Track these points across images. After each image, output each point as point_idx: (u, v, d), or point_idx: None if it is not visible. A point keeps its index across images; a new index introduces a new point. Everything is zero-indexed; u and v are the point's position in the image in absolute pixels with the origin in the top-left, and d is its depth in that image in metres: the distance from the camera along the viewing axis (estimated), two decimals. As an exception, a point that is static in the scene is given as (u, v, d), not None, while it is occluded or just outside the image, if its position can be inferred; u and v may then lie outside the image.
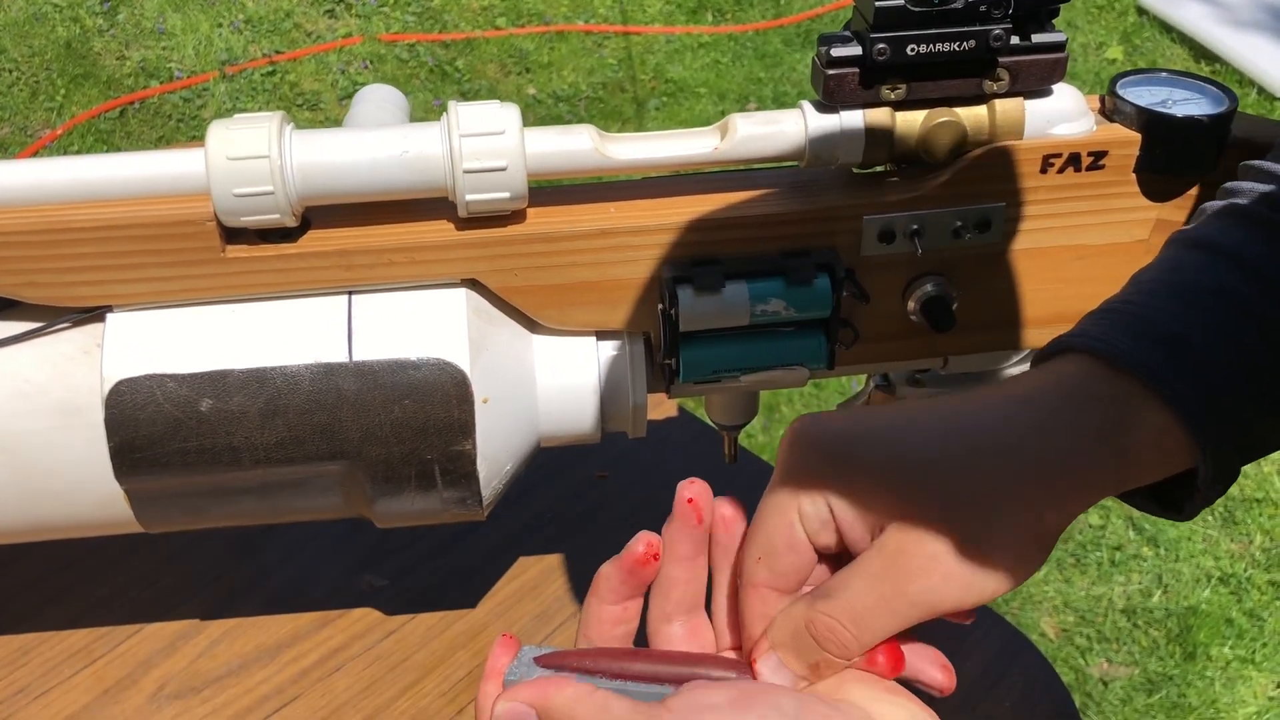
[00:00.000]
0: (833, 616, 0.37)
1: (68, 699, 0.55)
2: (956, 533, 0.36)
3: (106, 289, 0.44)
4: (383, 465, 0.46)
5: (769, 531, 0.39)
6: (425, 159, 0.44)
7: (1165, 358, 0.36)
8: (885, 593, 0.36)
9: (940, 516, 0.36)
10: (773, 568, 0.39)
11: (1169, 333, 0.37)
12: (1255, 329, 0.37)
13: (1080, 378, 0.38)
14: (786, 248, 0.47)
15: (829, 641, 0.37)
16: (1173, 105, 0.46)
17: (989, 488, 0.36)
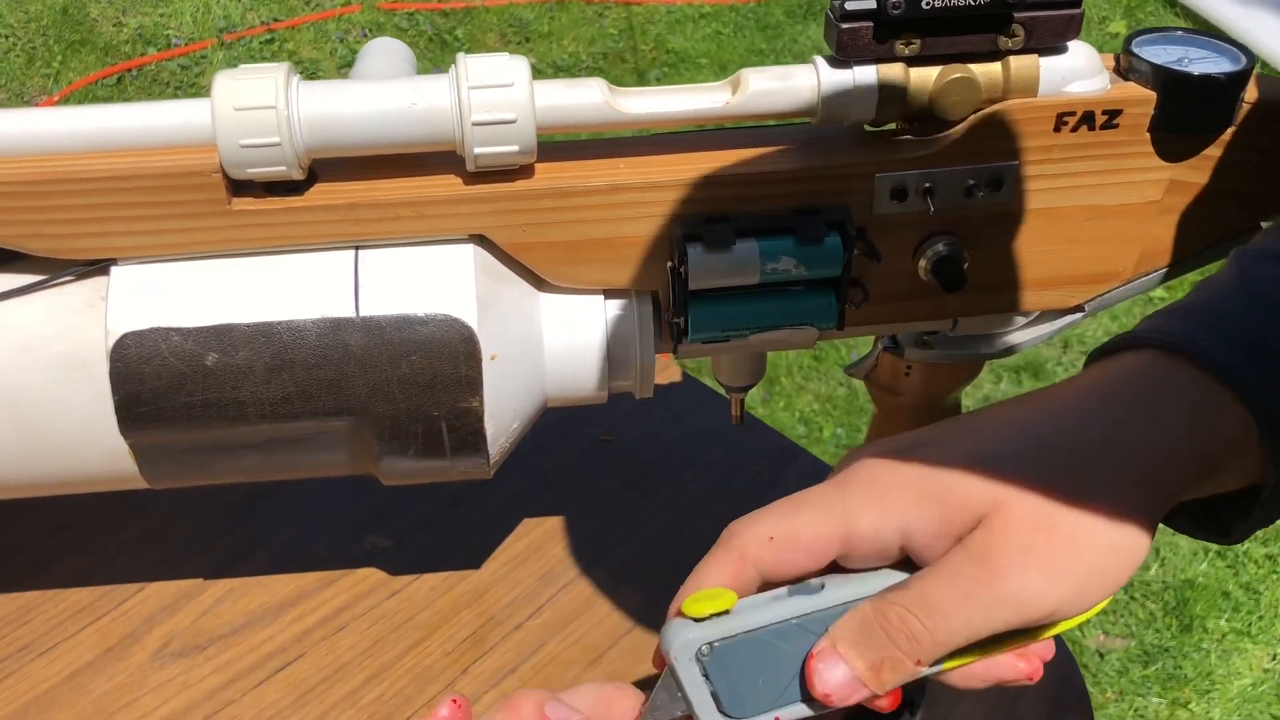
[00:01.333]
0: (906, 606, 0.35)
1: (71, 656, 0.55)
2: (1050, 528, 0.34)
3: (111, 241, 0.44)
4: (389, 421, 0.45)
5: (803, 523, 0.37)
6: (433, 111, 0.43)
7: (1248, 359, 0.35)
8: (970, 587, 0.34)
9: (1033, 511, 0.34)
10: (777, 554, 0.37)
11: (1251, 336, 0.36)
12: None
13: (1158, 373, 0.36)
14: (798, 205, 0.46)
15: (898, 633, 0.35)
16: (1189, 64, 0.46)
17: (1077, 485, 0.35)
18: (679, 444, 0.67)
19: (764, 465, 0.65)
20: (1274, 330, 0.36)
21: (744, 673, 0.37)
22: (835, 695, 0.36)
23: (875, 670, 0.35)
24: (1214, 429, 0.35)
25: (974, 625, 0.34)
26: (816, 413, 1.67)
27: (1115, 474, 0.35)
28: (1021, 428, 0.37)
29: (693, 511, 0.63)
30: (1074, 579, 0.34)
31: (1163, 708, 1.33)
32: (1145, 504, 0.35)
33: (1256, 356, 0.36)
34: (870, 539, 0.36)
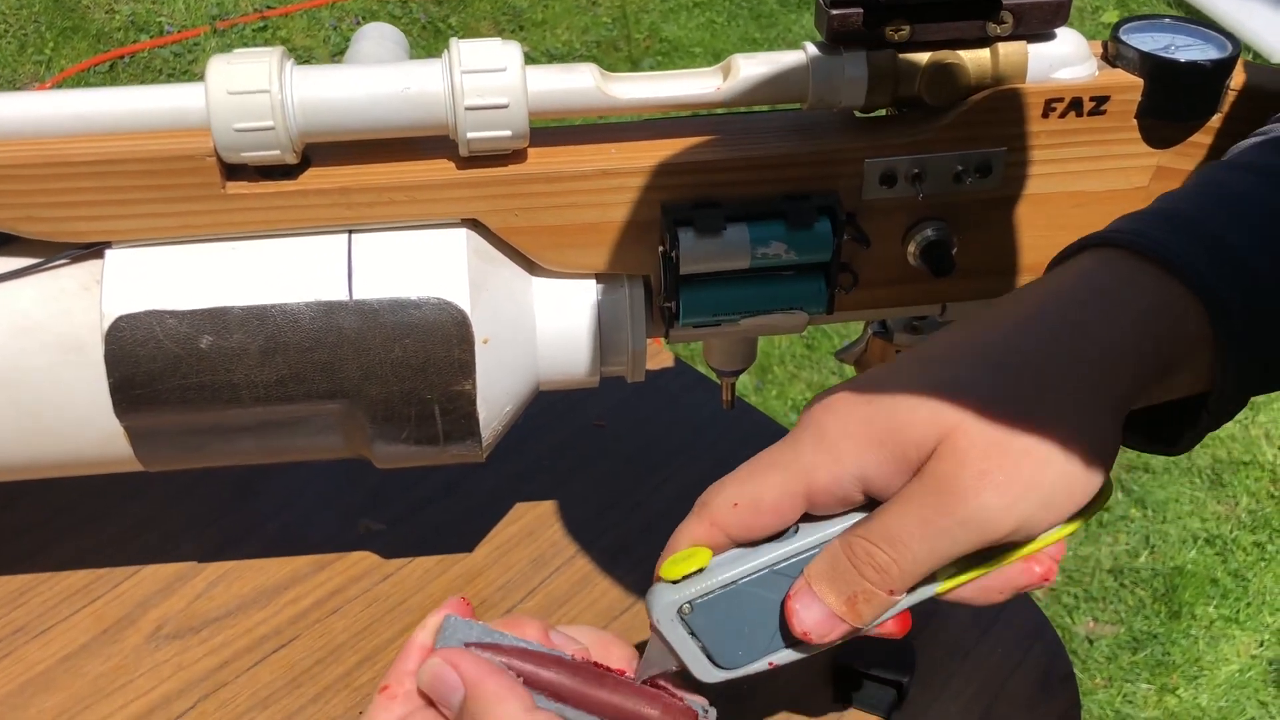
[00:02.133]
0: (869, 539, 0.35)
1: (66, 638, 0.55)
2: (1004, 446, 0.34)
3: (106, 224, 0.44)
4: (382, 404, 0.46)
5: (765, 485, 0.37)
6: (426, 96, 0.43)
7: (1204, 254, 0.35)
8: (928, 515, 0.34)
9: (985, 432, 0.34)
10: (743, 518, 0.37)
11: (1208, 233, 0.36)
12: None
13: (1115, 271, 0.36)
14: (788, 190, 0.46)
15: (865, 565, 0.35)
16: (1175, 51, 0.46)
17: (1031, 397, 0.34)
18: (671, 429, 0.67)
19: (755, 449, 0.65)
20: (1232, 228, 0.36)
21: (728, 624, 0.38)
22: (814, 633, 0.37)
23: (850, 604, 0.36)
24: (1171, 325, 0.35)
25: (937, 551, 0.35)
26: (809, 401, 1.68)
27: (1070, 381, 0.35)
28: (971, 348, 0.36)
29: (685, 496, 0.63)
30: (1035, 494, 0.34)
31: (1151, 694, 1.34)
32: (1105, 407, 0.35)
33: (1213, 252, 0.35)
34: (831, 490, 0.36)
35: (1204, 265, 0.35)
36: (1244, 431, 1.64)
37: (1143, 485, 1.56)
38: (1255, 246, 0.36)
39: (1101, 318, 0.35)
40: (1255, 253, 0.36)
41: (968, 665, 0.55)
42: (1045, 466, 0.34)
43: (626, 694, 0.38)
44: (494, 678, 0.36)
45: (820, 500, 0.37)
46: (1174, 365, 0.36)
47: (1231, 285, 0.35)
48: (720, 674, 0.39)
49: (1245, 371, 0.36)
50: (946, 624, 0.57)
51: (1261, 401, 1.68)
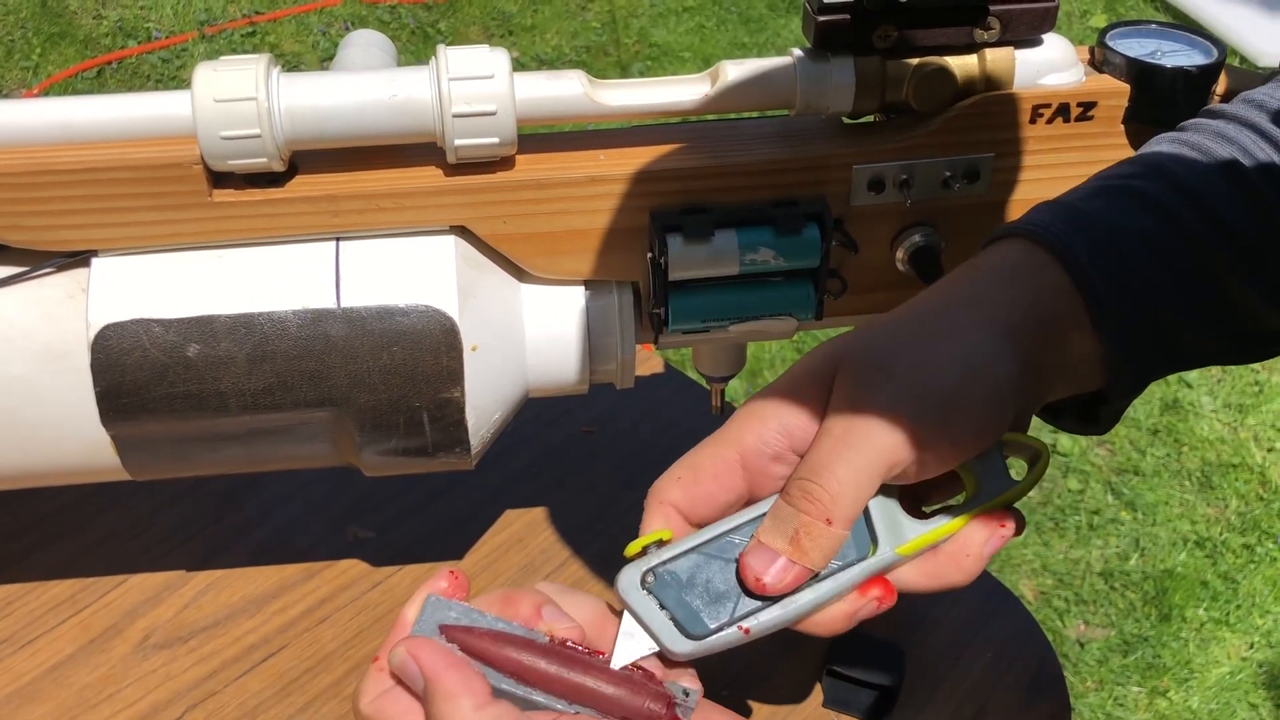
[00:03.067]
0: (798, 475, 0.38)
1: (53, 649, 0.55)
2: (893, 362, 0.38)
3: (92, 233, 0.44)
4: (371, 412, 0.46)
5: (701, 455, 0.40)
6: (414, 103, 0.43)
7: (1071, 227, 0.39)
8: (838, 436, 0.37)
9: (875, 354, 0.38)
10: (688, 489, 0.40)
11: (1078, 211, 0.40)
12: (1171, 226, 0.39)
13: (992, 250, 0.40)
14: (776, 197, 0.47)
15: (799, 500, 0.38)
16: (1162, 56, 0.47)
17: (917, 327, 0.39)
18: (660, 435, 0.67)
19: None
20: (1100, 208, 0.40)
21: (691, 589, 0.39)
22: (769, 579, 0.38)
23: (795, 543, 0.38)
24: (1034, 276, 0.39)
25: (855, 467, 0.37)
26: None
27: (953, 314, 0.39)
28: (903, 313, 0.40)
29: (674, 502, 0.63)
30: (929, 402, 0.37)
31: (1142, 696, 1.35)
32: (991, 334, 0.38)
33: (1073, 222, 0.39)
34: (759, 448, 0.39)
35: (1061, 229, 0.39)
36: (1232, 434, 1.65)
37: (1132, 488, 1.56)
38: (1116, 220, 0.39)
39: (982, 278, 0.40)
40: (1115, 224, 0.39)
41: (957, 669, 0.55)
42: (935, 377, 0.38)
43: (598, 677, 0.38)
44: (450, 672, 0.36)
45: (755, 464, 0.40)
46: (1053, 319, 0.39)
47: (1083, 241, 0.39)
48: (692, 645, 0.38)
49: (1121, 326, 0.38)
50: (936, 629, 0.57)
51: (1249, 404, 1.69)
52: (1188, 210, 0.39)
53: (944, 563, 0.40)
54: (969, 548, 0.40)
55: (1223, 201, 0.39)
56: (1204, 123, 0.42)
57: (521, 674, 0.37)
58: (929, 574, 0.40)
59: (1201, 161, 0.40)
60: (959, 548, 0.40)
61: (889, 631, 0.54)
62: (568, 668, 0.37)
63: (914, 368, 0.38)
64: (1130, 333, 0.39)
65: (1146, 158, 0.42)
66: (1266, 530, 1.52)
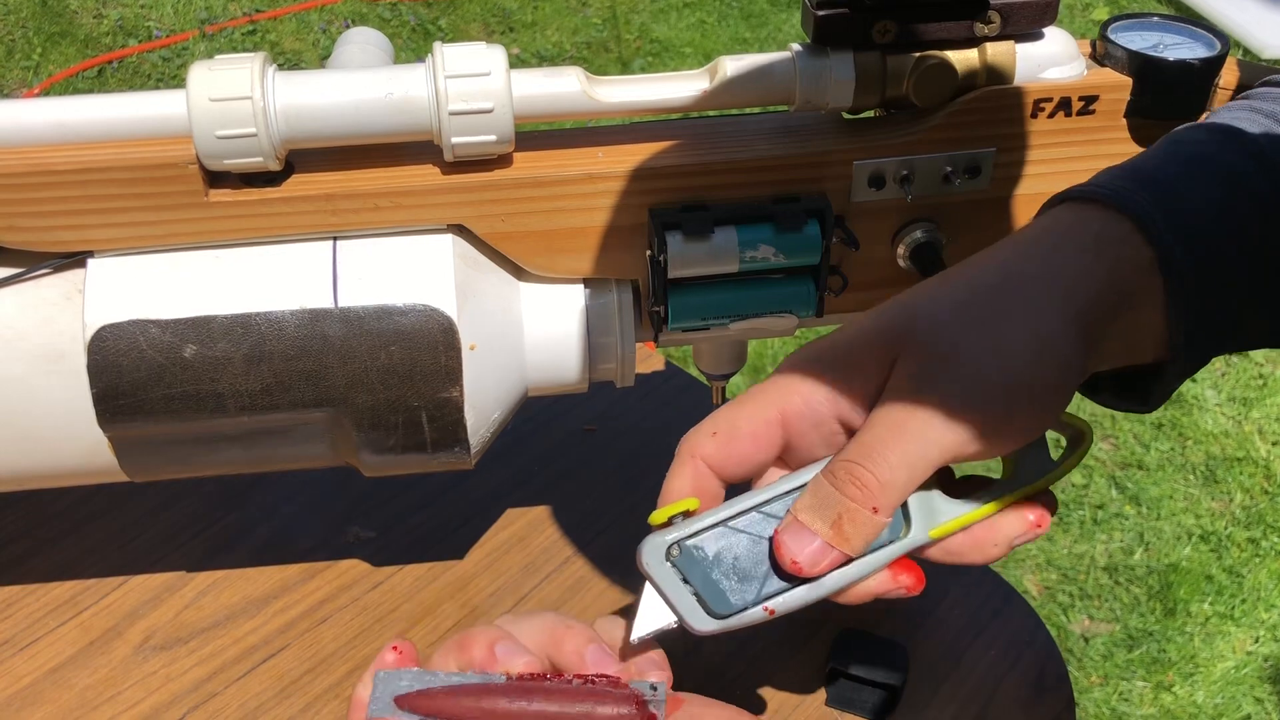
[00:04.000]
0: (847, 457, 0.36)
1: (53, 650, 0.55)
2: (961, 348, 0.35)
3: (88, 233, 0.44)
4: (369, 412, 0.45)
5: (741, 413, 0.38)
6: (410, 101, 0.43)
7: (1156, 201, 0.37)
8: (894, 422, 0.35)
9: (942, 338, 0.36)
10: (723, 446, 0.38)
11: (1160, 181, 0.37)
12: (1246, 198, 0.37)
13: (1070, 215, 0.38)
14: (776, 193, 0.46)
15: (846, 484, 0.36)
16: (1164, 49, 0.46)
17: (988, 305, 0.36)
18: (662, 432, 0.66)
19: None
20: (1182, 179, 0.38)
21: (719, 566, 0.38)
22: (804, 561, 0.37)
23: (836, 527, 0.36)
24: (1118, 252, 0.37)
25: (910, 458, 0.36)
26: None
27: (1025, 290, 0.36)
28: (927, 282, 0.38)
29: (676, 500, 0.63)
30: (994, 393, 0.35)
31: (1147, 691, 1.34)
32: (1064, 314, 0.36)
33: (1158, 195, 0.37)
34: (804, 414, 0.38)
35: (1146, 202, 0.37)
36: (1237, 428, 1.64)
37: (1137, 482, 1.56)
38: (1199, 194, 0.37)
39: (1054, 246, 0.37)
40: (1198, 198, 0.37)
41: (961, 668, 0.55)
42: (1003, 365, 0.35)
43: (562, 699, 0.37)
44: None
45: (795, 427, 0.38)
46: (1128, 295, 0.37)
47: (1171, 219, 0.36)
48: (715, 624, 0.38)
49: (1197, 308, 0.37)
50: (939, 627, 0.56)
51: (1254, 397, 1.68)
52: (1263, 181, 0.37)
53: (967, 544, 0.39)
54: (997, 536, 0.38)
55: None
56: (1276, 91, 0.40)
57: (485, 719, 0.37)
58: (949, 552, 0.39)
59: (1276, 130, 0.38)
60: (987, 535, 0.38)
61: (893, 630, 0.54)
62: (529, 699, 0.37)
63: (980, 358, 0.36)
64: (1202, 314, 0.37)
65: (1219, 126, 0.40)
66: (1271, 524, 1.51)
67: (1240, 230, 0.37)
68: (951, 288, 0.38)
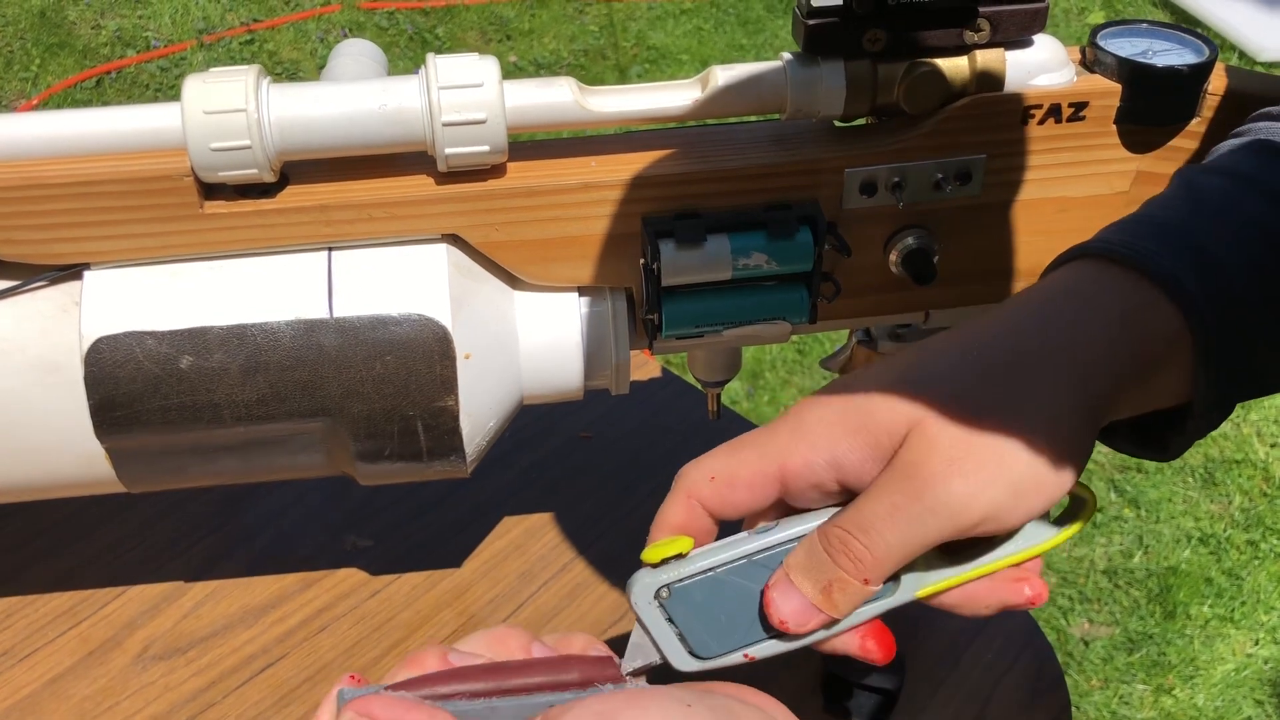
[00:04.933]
0: (843, 526, 0.36)
1: (52, 661, 0.55)
2: (974, 435, 0.34)
3: (83, 246, 0.44)
4: (365, 422, 0.46)
5: (740, 461, 0.38)
6: (404, 112, 0.43)
7: (1180, 260, 0.36)
8: (898, 501, 0.35)
9: (956, 421, 0.35)
10: (719, 492, 0.38)
11: (1189, 241, 0.36)
12: (1275, 250, 0.36)
13: (1093, 276, 0.37)
14: (768, 201, 0.46)
15: (840, 554, 0.36)
16: (1153, 56, 0.46)
17: (1001, 391, 0.35)
18: (658, 439, 0.67)
19: (743, 460, 0.65)
20: (1212, 236, 0.37)
21: (705, 612, 0.38)
22: (791, 621, 0.37)
23: (826, 593, 0.36)
24: (1146, 325, 0.36)
25: (907, 538, 0.35)
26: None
27: (1042, 373, 0.35)
28: (946, 345, 0.37)
29: (672, 507, 0.63)
30: (1004, 480, 0.35)
31: (1147, 694, 1.34)
32: (1078, 402, 0.35)
33: (1187, 256, 0.36)
34: (804, 474, 0.37)
35: (1178, 268, 0.36)
36: (1235, 430, 1.64)
37: (1135, 485, 1.56)
38: (1228, 251, 0.36)
39: (1076, 319, 0.36)
40: (1229, 258, 0.36)
41: (957, 672, 0.55)
42: (1013, 457, 0.35)
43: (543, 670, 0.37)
44: (411, 713, 0.34)
45: (794, 485, 0.37)
46: (1151, 367, 0.36)
47: (1204, 286, 0.35)
48: (696, 664, 0.38)
49: (1225, 373, 0.36)
50: (936, 631, 0.57)
51: (1252, 400, 1.68)
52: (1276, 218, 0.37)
53: (959, 598, 0.38)
54: (991, 599, 0.38)
55: None
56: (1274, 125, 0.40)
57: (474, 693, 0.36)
58: (939, 602, 0.38)
59: None
60: (980, 595, 0.38)
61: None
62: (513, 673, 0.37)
63: (989, 445, 0.35)
64: (1230, 374, 0.36)
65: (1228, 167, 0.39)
66: (1270, 526, 1.52)
67: (1270, 283, 0.36)
68: (968, 359, 0.36)
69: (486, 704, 0.36)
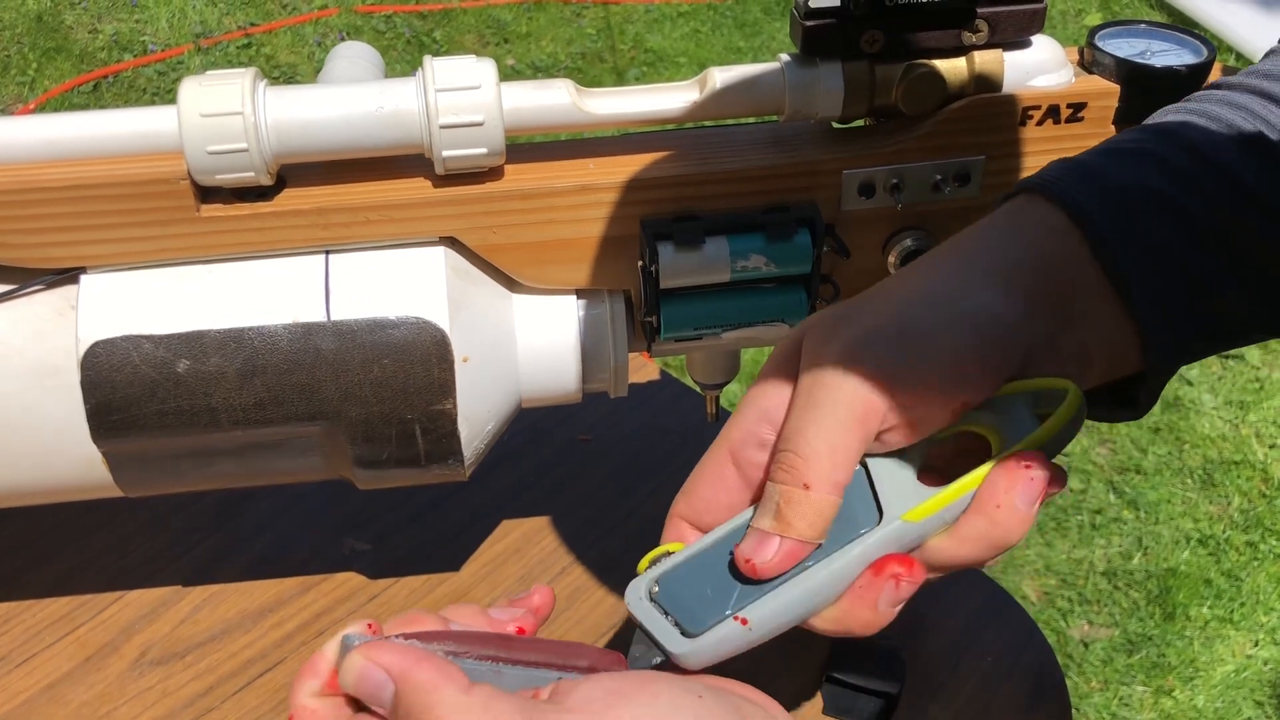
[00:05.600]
0: (776, 448, 0.37)
1: (49, 666, 0.55)
2: (863, 325, 0.36)
3: (80, 250, 0.44)
4: (363, 425, 0.45)
5: (698, 466, 0.39)
6: (401, 114, 0.43)
7: (1074, 177, 0.38)
8: (801, 401, 0.36)
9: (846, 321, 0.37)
10: (688, 495, 0.39)
11: (1086, 165, 0.39)
12: (1181, 187, 0.37)
13: (1019, 213, 0.39)
14: (767, 203, 0.46)
15: (777, 471, 0.36)
16: (1151, 56, 0.46)
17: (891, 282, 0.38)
18: (656, 442, 0.67)
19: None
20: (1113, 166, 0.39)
21: (691, 590, 0.38)
22: (755, 558, 0.36)
23: (778, 516, 0.36)
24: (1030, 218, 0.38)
25: (825, 425, 0.35)
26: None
27: (922, 260, 0.38)
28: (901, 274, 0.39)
29: (671, 509, 0.63)
30: (888, 335, 0.36)
31: (1147, 696, 1.34)
32: (958, 267, 0.37)
33: (1084, 176, 0.38)
34: (745, 440, 0.38)
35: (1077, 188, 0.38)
36: (1234, 431, 1.64)
37: (1134, 487, 1.56)
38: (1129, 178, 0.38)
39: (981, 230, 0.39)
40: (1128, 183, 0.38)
41: (957, 675, 0.55)
42: (894, 314, 0.36)
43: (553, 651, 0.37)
44: (422, 663, 0.33)
45: (743, 455, 0.38)
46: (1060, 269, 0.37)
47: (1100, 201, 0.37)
48: (690, 643, 0.37)
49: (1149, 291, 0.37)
50: (936, 633, 0.56)
51: (1250, 401, 1.68)
52: (1201, 171, 0.37)
53: (976, 521, 0.36)
54: (996, 495, 0.36)
55: (1238, 163, 0.37)
56: (1210, 93, 0.40)
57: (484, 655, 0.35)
58: (964, 538, 0.36)
59: (1212, 127, 0.38)
60: (985, 498, 0.36)
61: (889, 637, 0.54)
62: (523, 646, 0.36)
63: (873, 311, 0.36)
64: (1159, 302, 0.37)
65: (1154, 125, 0.40)
66: (1269, 527, 1.51)
67: (1185, 216, 0.37)
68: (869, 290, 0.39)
69: (493, 667, 0.35)
